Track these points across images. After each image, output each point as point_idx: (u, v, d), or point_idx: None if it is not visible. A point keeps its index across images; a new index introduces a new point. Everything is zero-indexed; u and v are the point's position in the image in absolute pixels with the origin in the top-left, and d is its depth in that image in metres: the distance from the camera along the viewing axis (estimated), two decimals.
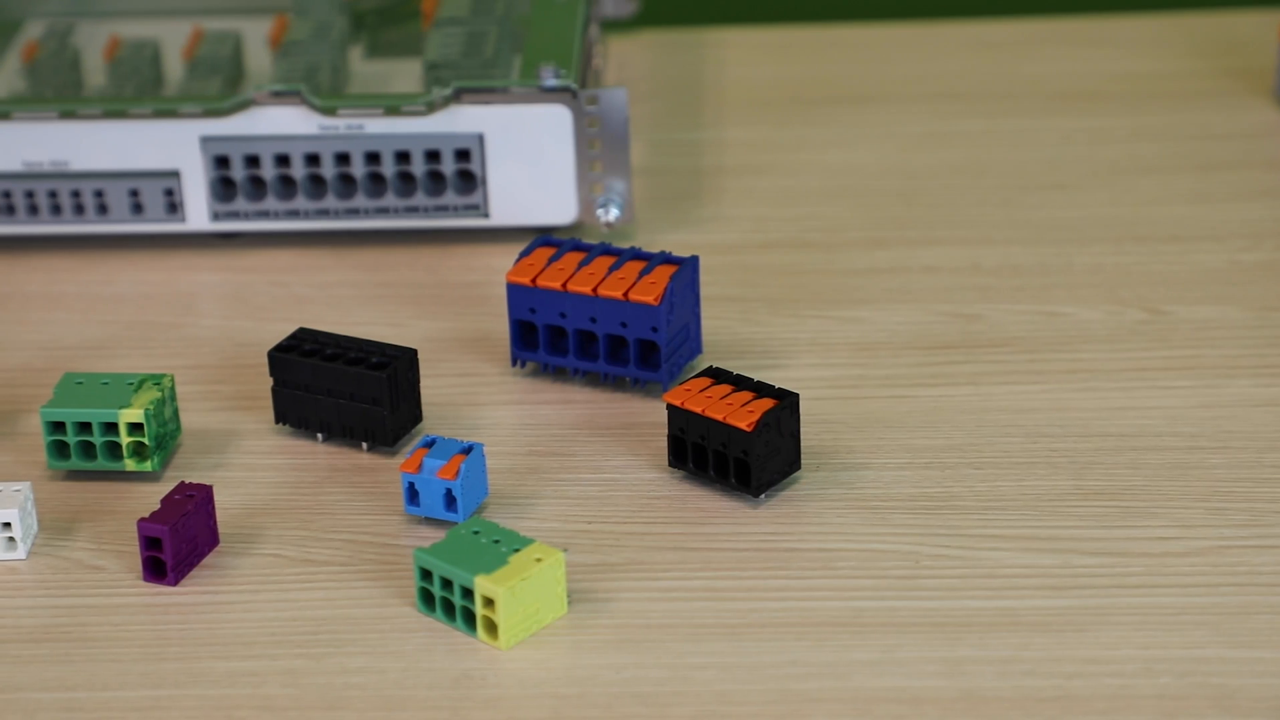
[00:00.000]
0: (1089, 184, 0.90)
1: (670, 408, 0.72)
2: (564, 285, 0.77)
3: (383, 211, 0.87)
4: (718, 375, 0.73)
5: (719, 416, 0.71)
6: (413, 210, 0.87)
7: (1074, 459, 0.72)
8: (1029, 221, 0.88)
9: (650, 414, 0.76)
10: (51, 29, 0.94)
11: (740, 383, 0.72)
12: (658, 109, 0.98)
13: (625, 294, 0.76)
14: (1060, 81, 0.99)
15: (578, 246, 0.79)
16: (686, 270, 0.78)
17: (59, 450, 0.73)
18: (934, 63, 1.02)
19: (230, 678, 0.64)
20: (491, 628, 0.65)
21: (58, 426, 0.72)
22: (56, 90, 0.90)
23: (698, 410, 0.71)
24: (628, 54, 1.04)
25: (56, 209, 0.86)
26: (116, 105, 0.84)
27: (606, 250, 0.78)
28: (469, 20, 0.92)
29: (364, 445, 0.75)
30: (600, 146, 0.86)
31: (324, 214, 0.87)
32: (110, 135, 0.84)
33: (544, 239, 0.79)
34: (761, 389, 0.72)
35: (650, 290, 0.76)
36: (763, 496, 0.71)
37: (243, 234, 0.88)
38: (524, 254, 0.79)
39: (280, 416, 0.76)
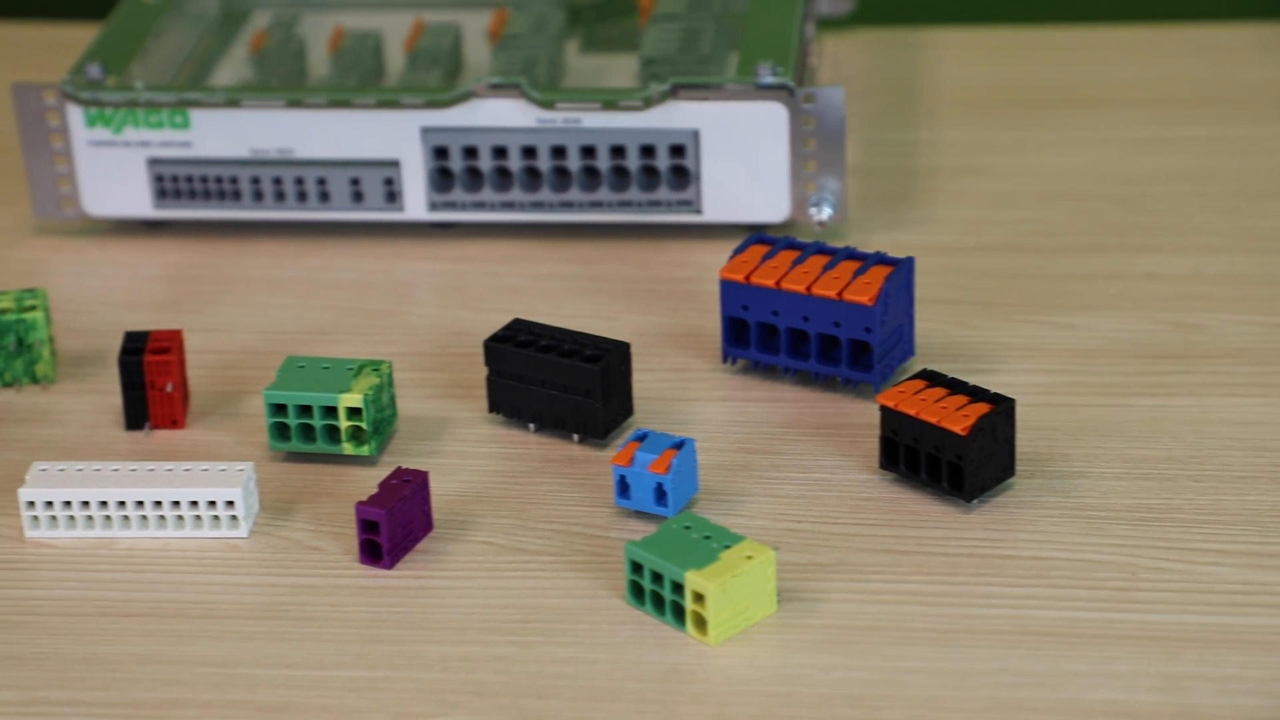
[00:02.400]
0: None
1: (883, 409, 0.72)
2: (778, 283, 0.77)
3: (596, 205, 0.87)
4: (932, 378, 0.72)
5: (933, 420, 0.70)
6: (626, 205, 0.87)
7: None
8: (1254, 230, 0.86)
9: (861, 415, 0.76)
10: (278, 19, 0.96)
11: (955, 386, 0.72)
12: (872, 108, 0.98)
13: (839, 294, 0.76)
14: None
15: (792, 245, 0.79)
16: (902, 271, 0.77)
17: (280, 432, 0.74)
18: (1156, 66, 1.00)
19: (443, 662, 0.65)
20: (701, 623, 0.65)
21: (280, 409, 0.74)
22: (282, 80, 0.92)
23: (911, 413, 0.71)
24: (842, 52, 1.03)
25: (280, 195, 0.88)
26: (341, 95, 0.86)
27: (821, 249, 0.78)
28: (686, 16, 0.93)
29: (575, 437, 0.75)
30: (815, 145, 0.85)
31: (539, 206, 0.87)
32: (334, 124, 0.86)
33: (758, 236, 0.79)
34: (976, 393, 0.71)
35: (865, 290, 0.76)
36: (975, 502, 0.71)
37: (458, 224, 0.89)
38: (738, 251, 0.79)
39: (494, 405, 0.76)
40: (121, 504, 0.70)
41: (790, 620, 0.66)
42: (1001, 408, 0.70)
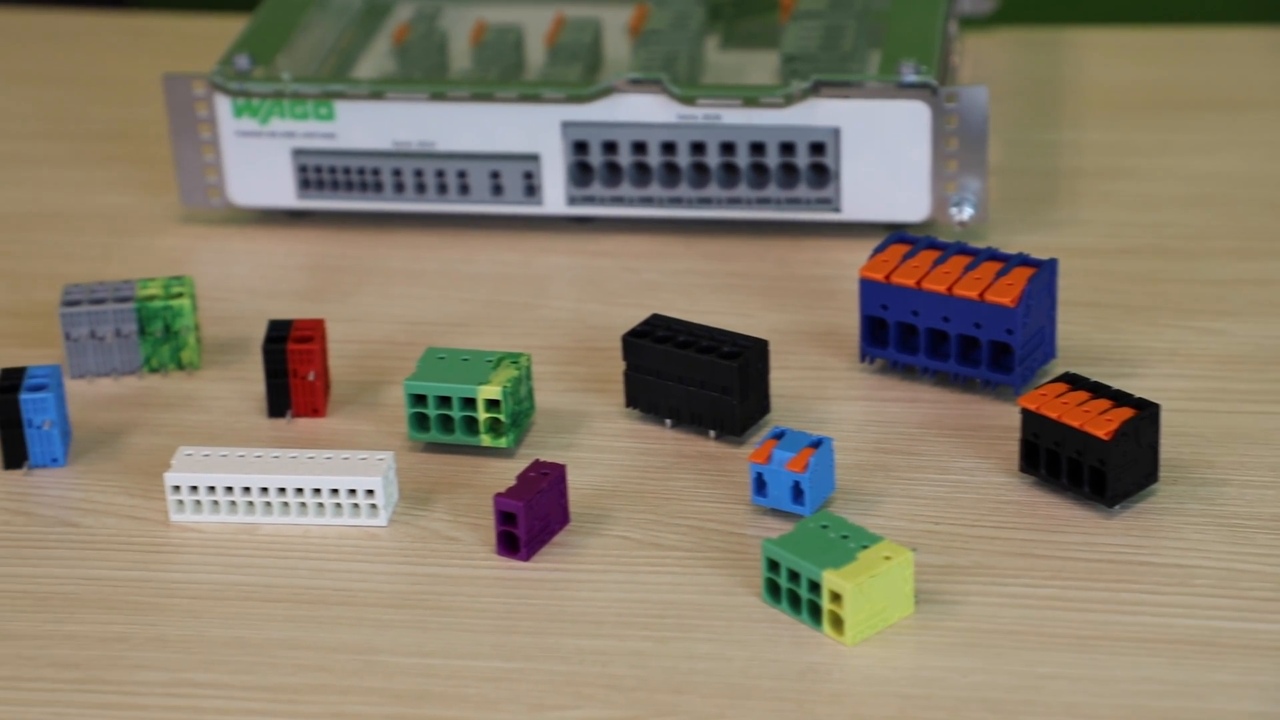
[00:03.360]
0: None
1: (1024, 412, 0.71)
2: (918, 283, 0.76)
3: (735, 202, 0.87)
4: (1074, 381, 0.72)
5: (1075, 423, 0.69)
6: (765, 202, 0.87)
7: None
8: None
9: (1001, 417, 0.75)
10: (420, 12, 0.97)
11: (1098, 390, 0.71)
12: (1014, 108, 0.97)
13: (981, 294, 0.75)
14: None
15: (933, 244, 0.78)
16: (1044, 273, 0.76)
17: (419, 422, 0.75)
18: None
19: (579, 655, 0.65)
20: (838, 623, 0.65)
21: (419, 399, 0.75)
22: (424, 72, 0.93)
23: (1053, 416, 0.70)
24: (984, 51, 1.02)
25: (421, 187, 0.88)
26: (483, 88, 0.86)
27: (962, 250, 0.78)
28: (827, 14, 0.92)
29: (711, 433, 0.75)
30: (957, 145, 0.85)
31: (677, 202, 0.87)
32: (476, 117, 0.87)
33: (898, 235, 0.79)
34: (1120, 397, 0.70)
35: (1007, 292, 0.75)
36: (1117, 508, 0.70)
37: (596, 218, 0.90)
38: (878, 250, 0.78)
39: (631, 400, 0.77)
40: (264, 490, 0.71)
41: (927, 622, 0.65)
42: (1146, 413, 0.69)
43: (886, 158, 0.85)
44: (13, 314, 0.84)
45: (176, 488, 0.71)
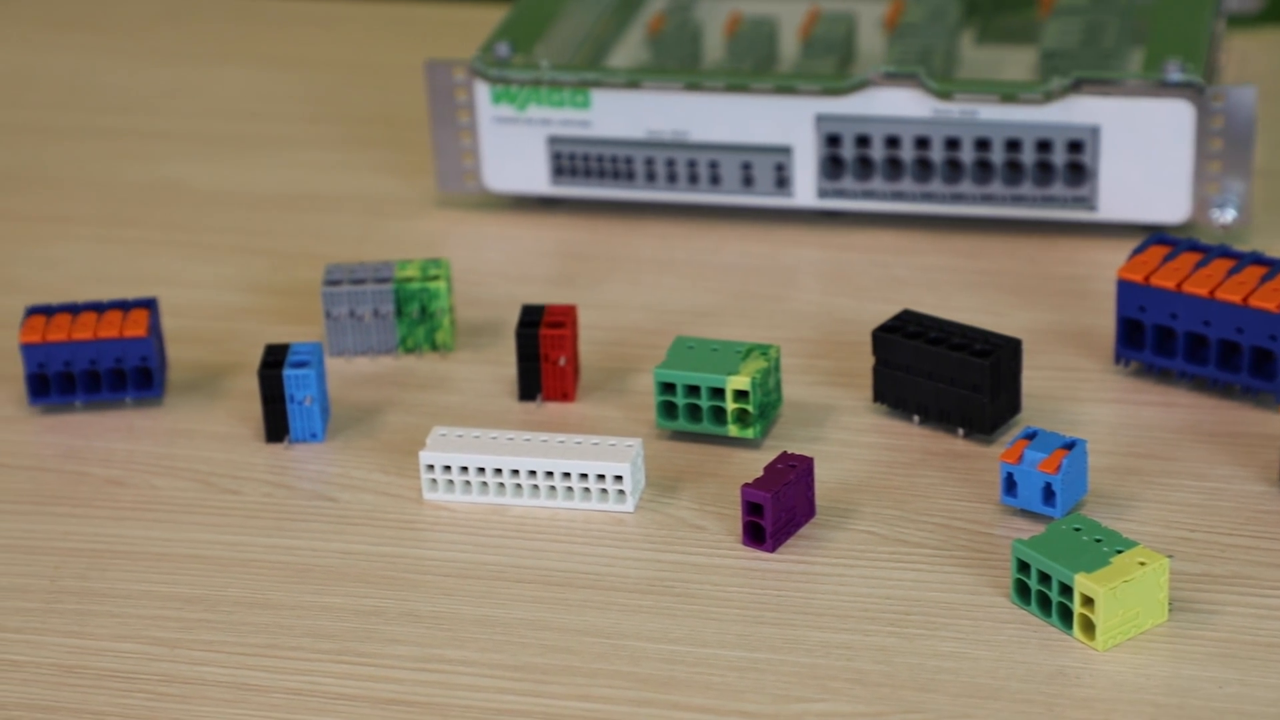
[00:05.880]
0: None
1: None
2: (1178, 286, 0.75)
3: (988, 199, 0.86)
4: None
5: None
6: (1019, 199, 0.86)
7: None
8: None
9: (1261, 425, 0.73)
10: (676, 3, 0.97)
11: None
12: (1278, 110, 0.94)
13: (1244, 299, 0.74)
14: None
15: (1194, 247, 0.77)
16: None
17: (668, 411, 0.75)
18: None
19: (824, 648, 0.65)
20: (1089, 627, 0.64)
21: (668, 388, 0.75)
22: (678, 63, 0.93)
23: None
24: (1249, 51, 1.00)
25: (672, 177, 0.89)
26: (738, 80, 0.87)
27: (1226, 253, 0.76)
28: (1089, 10, 0.91)
29: (960, 431, 0.75)
30: (1221, 145, 0.83)
31: (928, 198, 0.87)
32: (729, 109, 0.87)
33: (1158, 237, 0.77)
34: None
35: (1272, 298, 0.73)
36: None
37: (845, 212, 0.89)
38: (1137, 251, 0.77)
39: (879, 395, 0.76)
40: (515, 472, 0.72)
41: (1182, 631, 0.64)
42: None
43: (1147, 157, 0.84)
44: (276, 291, 0.86)
45: (430, 466, 0.73)
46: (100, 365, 0.78)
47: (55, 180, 0.96)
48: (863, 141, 0.86)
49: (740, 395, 0.74)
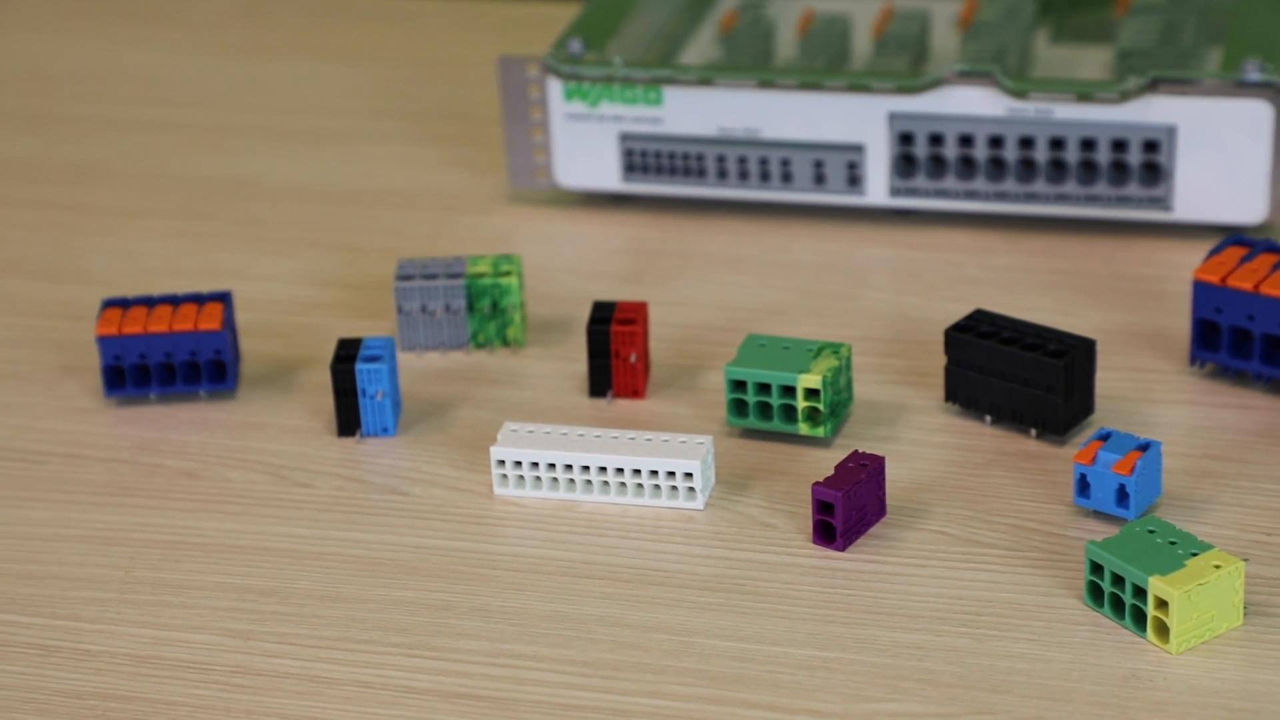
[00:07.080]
0: None
1: None
2: (1256, 287, 0.74)
3: (1062, 198, 0.86)
4: None
5: None
6: (1093, 199, 0.85)
7: None
8: None
9: None
10: (748, 1, 0.97)
11: None
12: None
13: None
14: None
15: (1272, 248, 0.76)
16: None
17: (738, 408, 0.75)
18: None
19: (895, 648, 0.65)
20: (1162, 630, 0.64)
21: (739, 385, 0.75)
22: (750, 60, 0.93)
23: None
24: None
25: (744, 175, 0.89)
26: (811, 78, 0.86)
27: None
28: (1166, 9, 0.90)
29: (1032, 432, 0.74)
30: None
31: (1002, 197, 0.86)
32: (802, 107, 0.87)
33: (1236, 238, 0.77)
34: None
35: None
36: None
37: (917, 211, 0.89)
38: (1214, 252, 0.76)
39: (951, 395, 0.76)
40: (585, 469, 0.72)
41: (1257, 635, 0.64)
42: None
43: (1224, 158, 0.83)
44: (349, 286, 0.86)
45: (501, 462, 0.73)
46: (175, 358, 0.78)
47: (131, 174, 0.97)
48: (936, 140, 0.86)
49: (811, 394, 0.74)
